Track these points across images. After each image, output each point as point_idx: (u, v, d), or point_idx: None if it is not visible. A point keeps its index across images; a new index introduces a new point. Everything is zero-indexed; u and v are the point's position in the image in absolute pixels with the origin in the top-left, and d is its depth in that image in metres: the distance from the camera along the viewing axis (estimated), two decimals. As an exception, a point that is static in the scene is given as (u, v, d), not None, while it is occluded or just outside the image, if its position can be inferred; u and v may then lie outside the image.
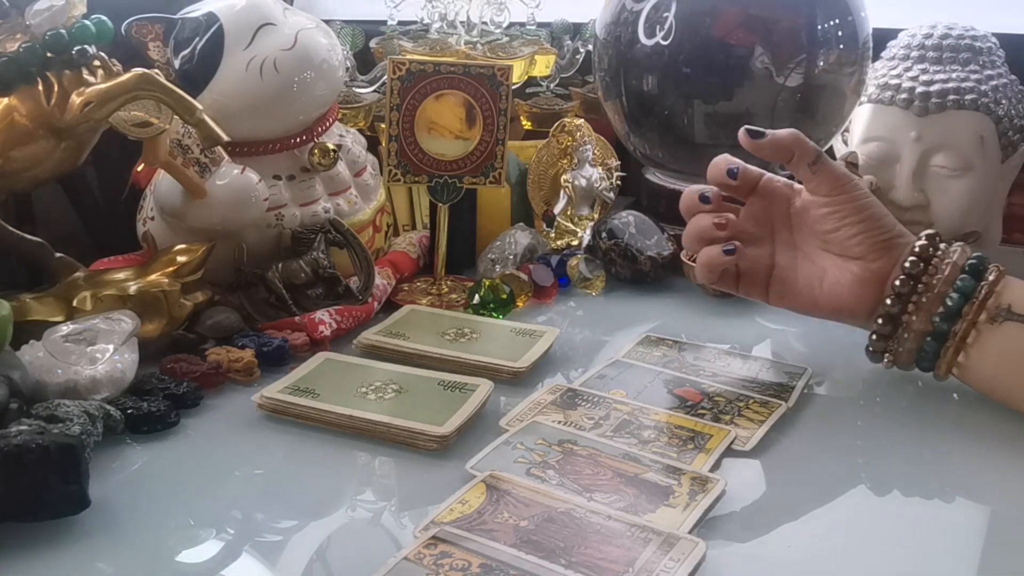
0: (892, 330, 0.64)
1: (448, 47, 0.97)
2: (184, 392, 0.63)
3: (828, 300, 0.67)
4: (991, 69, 0.87)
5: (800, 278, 0.68)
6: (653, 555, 0.47)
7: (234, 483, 0.57)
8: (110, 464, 0.57)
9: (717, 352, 0.73)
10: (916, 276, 0.63)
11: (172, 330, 0.70)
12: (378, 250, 0.86)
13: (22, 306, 0.68)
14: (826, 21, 0.87)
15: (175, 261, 0.72)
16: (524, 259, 0.88)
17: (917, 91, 0.86)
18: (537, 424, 0.60)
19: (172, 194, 0.74)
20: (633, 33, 0.89)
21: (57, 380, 0.60)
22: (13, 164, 0.69)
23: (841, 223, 0.65)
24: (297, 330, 0.72)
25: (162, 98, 0.68)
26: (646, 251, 0.86)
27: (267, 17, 0.77)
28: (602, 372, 0.69)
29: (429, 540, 0.47)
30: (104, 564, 0.48)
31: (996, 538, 0.52)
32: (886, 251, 0.65)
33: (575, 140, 0.96)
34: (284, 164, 0.79)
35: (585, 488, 0.53)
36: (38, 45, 0.68)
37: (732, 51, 0.86)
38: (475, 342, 0.73)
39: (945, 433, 0.63)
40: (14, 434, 0.50)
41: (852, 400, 0.68)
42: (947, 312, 0.62)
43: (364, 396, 0.63)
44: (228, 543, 0.50)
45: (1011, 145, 0.87)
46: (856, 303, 0.66)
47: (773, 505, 0.55)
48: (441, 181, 0.80)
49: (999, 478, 0.58)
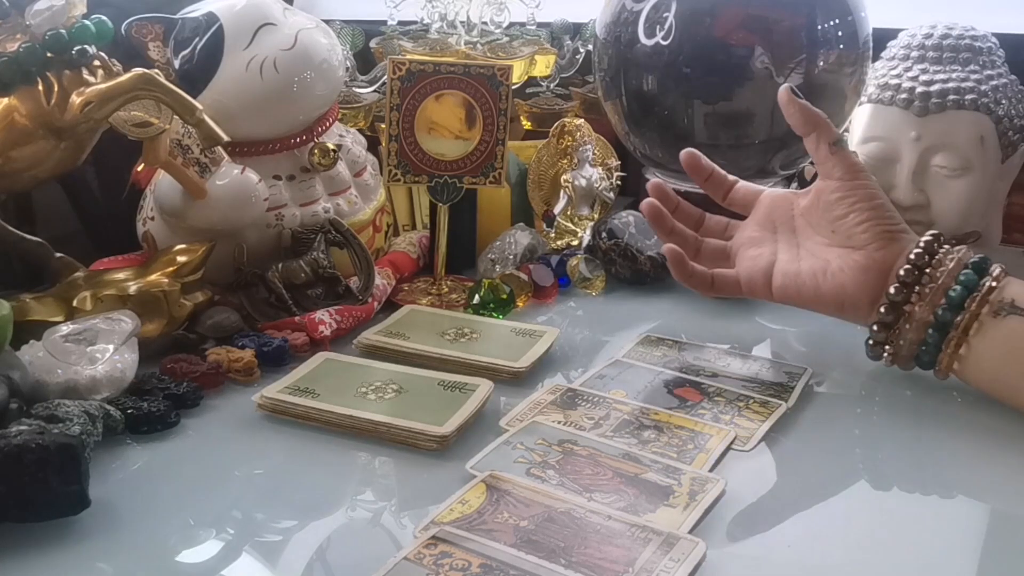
0: (895, 319, 0.65)
1: (448, 47, 0.97)
2: (184, 392, 0.63)
3: (831, 290, 0.67)
4: (991, 69, 0.87)
5: (804, 271, 0.68)
6: (653, 555, 0.47)
7: (234, 483, 0.57)
8: (110, 464, 0.57)
9: (717, 352, 0.73)
10: (921, 267, 0.64)
11: (172, 330, 0.70)
12: (378, 250, 0.86)
13: (22, 306, 0.68)
14: (826, 21, 0.87)
15: (175, 261, 0.72)
16: (524, 259, 0.88)
17: (917, 91, 0.86)
18: (537, 424, 0.60)
19: (172, 194, 0.74)
20: (633, 33, 0.89)
21: (57, 380, 0.60)
22: (13, 164, 0.69)
23: (851, 208, 0.67)
24: (297, 330, 0.72)
25: (162, 98, 0.68)
26: (646, 251, 0.86)
27: (267, 17, 0.77)
28: (602, 372, 0.69)
29: (429, 540, 0.47)
30: (104, 564, 0.48)
31: (996, 537, 0.52)
32: (890, 241, 0.66)
33: (575, 140, 0.96)
34: (284, 164, 0.79)
35: (585, 488, 0.53)
36: (38, 45, 0.68)
37: (732, 51, 0.86)
38: (475, 342, 0.73)
39: (945, 433, 0.63)
40: (14, 434, 0.50)
41: (852, 400, 0.68)
42: (950, 303, 0.63)
43: (364, 396, 0.63)
44: (228, 543, 0.50)
45: (1011, 145, 0.87)
46: (859, 291, 0.66)
47: (773, 505, 0.55)
48: (441, 181, 0.80)
49: (999, 478, 0.58)
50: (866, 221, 0.66)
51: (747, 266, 0.71)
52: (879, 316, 0.65)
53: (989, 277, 0.63)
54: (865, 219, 0.66)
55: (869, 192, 0.67)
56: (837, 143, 0.68)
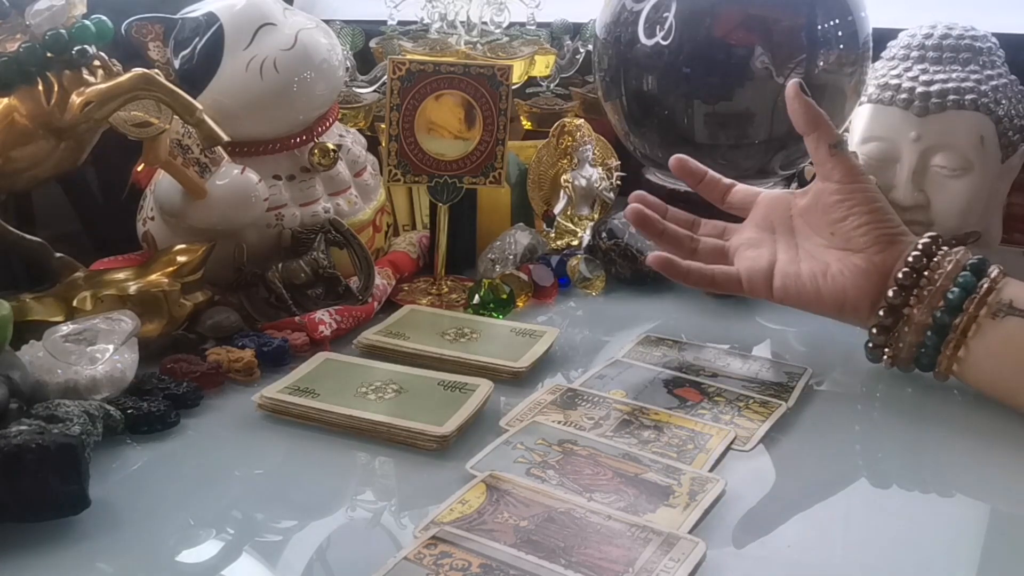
0: (893, 322, 0.65)
1: (448, 47, 0.97)
2: (184, 392, 0.63)
3: (831, 293, 0.67)
4: (991, 69, 0.87)
5: (804, 273, 0.68)
6: (653, 555, 0.47)
7: (234, 483, 0.57)
8: (110, 464, 0.57)
9: (717, 352, 0.73)
10: (919, 270, 0.64)
11: (172, 330, 0.70)
12: (378, 250, 0.86)
13: (22, 306, 0.68)
14: (826, 21, 0.87)
15: (175, 261, 0.72)
16: (524, 259, 0.88)
17: (917, 91, 0.86)
18: (537, 424, 0.60)
19: (172, 194, 0.74)
20: (633, 33, 0.89)
21: (57, 380, 0.60)
22: (13, 164, 0.69)
23: (850, 212, 0.67)
24: (297, 330, 0.72)
25: (162, 98, 0.68)
26: (646, 251, 0.86)
27: (267, 17, 0.77)
28: (602, 372, 0.69)
29: (429, 540, 0.47)
30: (104, 564, 0.48)
31: (996, 537, 0.52)
32: (889, 245, 0.66)
33: (575, 140, 0.96)
34: (284, 164, 0.79)
35: (585, 488, 0.53)
36: (38, 45, 0.68)
37: (732, 51, 0.86)
38: (475, 342, 0.73)
39: (945, 433, 0.63)
40: (14, 434, 0.50)
41: (852, 400, 0.68)
42: (948, 306, 0.63)
43: (364, 396, 0.63)
44: (228, 543, 0.50)
45: (1011, 145, 0.87)
46: (859, 294, 0.66)
47: (773, 505, 0.55)
48: (441, 181, 0.80)
49: (999, 478, 0.58)
50: (865, 224, 0.66)
51: (747, 265, 0.70)
52: (878, 319, 0.65)
53: (987, 278, 0.63)
54: (864, 222, 0.66)
55: (868, 195, 0.67)
56: (837, 145, 0.68)
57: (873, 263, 0.66)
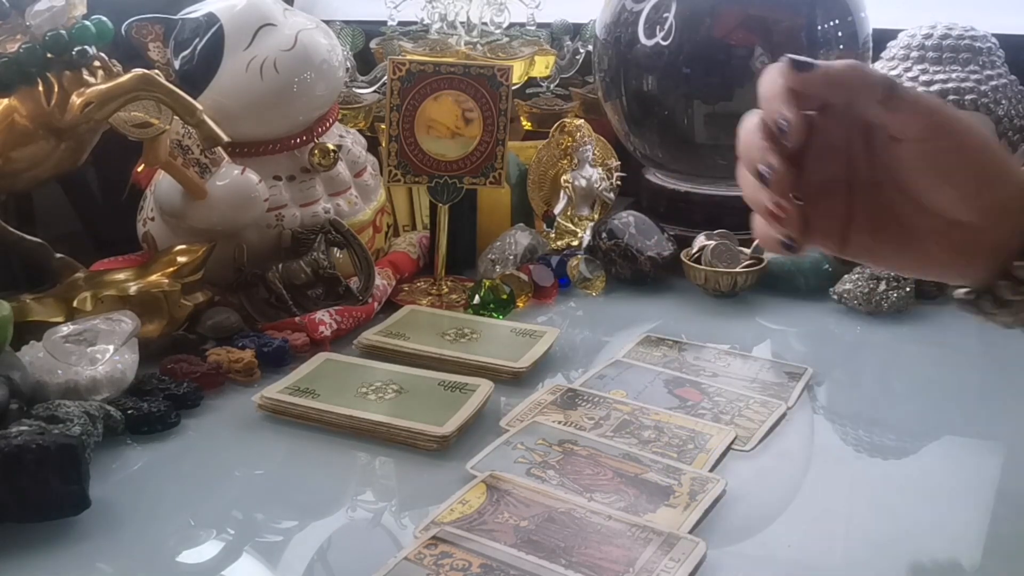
0: None
1: (448, 47, 0.97)
2: (184, 392, 0.63)
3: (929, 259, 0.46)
4: (991, 69, 0.87)
5: (890, 227, 0.46)
6: (653, 555, 0.47)
7: (234, 483, 0.57)
8: (110, 464, 0.57)
9: (717, 352, 0.73)
10: None
11: (172, 330, 0.70)
12: (378, 250, 0.86)
13: (22, 306, 0.68)
14: (826, 21, 0.87)
15: (175, 262, 0.72)
16: (524, 259, 0.88)
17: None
18: (537, 424, 0.60)
19: (172, 194, 0.74)
20: (633, 33, 0.89)
21: (57, 380, 0.60)
22: (13, 164, 0.69)
23: (939, 177, 0.44)
24: (297, 330, 0.72)
25: (162, 99, 0.68)
26: (646, 251, 0.86)
27: (267, 17, 0.77)
28: (602, 372, 0.69)
29: (429, 540, 0.47)
30: (104, 564, 0.48)
31: (996, 538, 0.52)
32: (1003, 215, 0.43)
33: (575, 140, 0.96)
34: (284, 164, 0.79)
35: (585, 488, 0.53)
36: (38, 46, 0.68)
37: (732, 51, 0.86)
38: (475, 342, 0.73)
39: (946, 434, 0.63)
40: (14, 434, 0.50)
41: (852, 399, 0.68)
42: None
43: (364, 396, 0.63)
44: (228, 543, 0.50)
45: (1011, 145, 0.87)
46: (963, 273, 0.46)
47: (773, 505, 0.55)
48: (441, 181, 0.80)
49: (1000, 478, 0.58)
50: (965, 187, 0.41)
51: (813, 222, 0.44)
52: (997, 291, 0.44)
53: None
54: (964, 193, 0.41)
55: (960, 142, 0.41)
56: (891, 91, 0.56)
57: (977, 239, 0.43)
